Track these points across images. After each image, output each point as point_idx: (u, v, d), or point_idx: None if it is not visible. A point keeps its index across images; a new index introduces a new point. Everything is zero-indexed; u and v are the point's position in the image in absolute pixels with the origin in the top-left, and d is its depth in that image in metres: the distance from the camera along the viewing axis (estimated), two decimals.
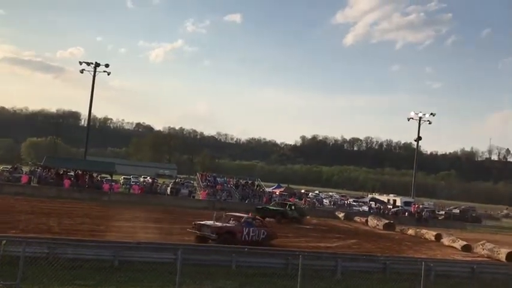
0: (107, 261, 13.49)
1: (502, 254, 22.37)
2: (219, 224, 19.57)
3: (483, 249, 23.85)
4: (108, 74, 48.46)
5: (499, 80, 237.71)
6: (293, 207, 33.53)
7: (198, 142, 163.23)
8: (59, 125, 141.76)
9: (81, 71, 48.29)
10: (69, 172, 42.25)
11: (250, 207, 32.78)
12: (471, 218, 50.29)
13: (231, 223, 20.05)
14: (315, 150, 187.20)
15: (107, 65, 48.21)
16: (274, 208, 32.89)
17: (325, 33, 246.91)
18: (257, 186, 49.84)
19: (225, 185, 47.25)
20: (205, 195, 42.64)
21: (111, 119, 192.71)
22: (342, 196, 69.84)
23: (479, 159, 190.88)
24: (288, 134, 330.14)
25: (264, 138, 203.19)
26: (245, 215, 21.22)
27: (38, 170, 43.01)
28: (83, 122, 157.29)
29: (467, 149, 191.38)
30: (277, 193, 51.44)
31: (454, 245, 26.14)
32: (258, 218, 22.73)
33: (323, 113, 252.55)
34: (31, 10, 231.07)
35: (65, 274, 11.05)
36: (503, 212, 73.29)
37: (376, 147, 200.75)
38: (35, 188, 37.05)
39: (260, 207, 33.29)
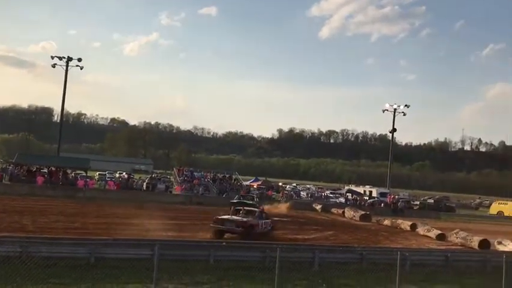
0: (82, 259, 13.29)
1: (474, 242, 22.88)
2: (239, 218, 20.70)
3: (457, 237, 24.35)
4: (81, 69, 47.89)
5: (471, 72, 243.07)
6: (256, 199, 33.83)
7: (174, 137, 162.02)
8: (31, 121, 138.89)
9: (53, 66, 47.48)
10: (42, 169, 41.43)
11: (227, 201, 32.69)
12: (445, 208, 51.35)
13: (249, 217, 20.95)
14: (292, 143, 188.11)
15: (79, 59, 47.50)
16: (249, 202, 32.40)
17: (301, 26, 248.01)
18: (234, 180, 49.80)
19: (202, 179, 47.07)
20: (179, 190, 42.44)
21: (85, 114, 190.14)
22: (319, 188, 70.35)
23: (452, 149, 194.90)
24: (264, 127, 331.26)
25: (241, 132, 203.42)
26: (257, 209, 22.34)
27: (10, 167, 42.05)
28: (56, 117, 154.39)
29: (441, 139, 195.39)
30: (254, 186, 51.51)
31: (429, 234, 26.62)
32: (264, 211, 23.60)
33: (299, 106, 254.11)
34: (0, 3, 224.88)
35: (39, 273, 10.83)
36: (476, 201, 74.98)
37: (352, 139, 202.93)
38: (7, 186, 36.21)
39: (235, 201, 33.02)
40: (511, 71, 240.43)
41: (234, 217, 20.60)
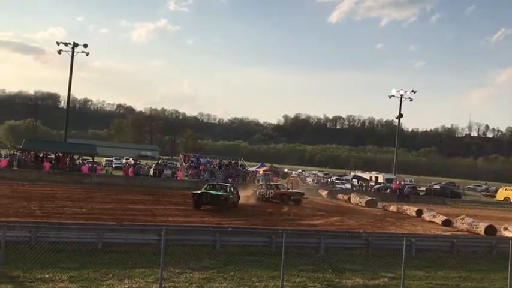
0: (90, 244, 13.43)
1: (480, 228, 22.84)
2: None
3: (463, 223, 24.31)
4: (87, 55, 47.76)
5: (481, 57, 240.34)
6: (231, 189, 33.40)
7: (180, 123, 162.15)
8: (37, 107, 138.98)
9: (59, 52, 47.44)
10: (49, 155, 41.63)
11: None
12: (451, 194, 51.17)
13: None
14: (298, 129, 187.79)
15: (85, 45, 47.42)
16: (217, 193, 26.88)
17: (311, 11, 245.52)
18: (240, 166, 49.87)
19: (208, 165, 47.15)
20: (181, 176, 42.63)
21: (91, 100, 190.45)
22: (325, 174, 70.42)
23: (459, 135, 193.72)
24: (270, 113, 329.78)
25: (247, 118, 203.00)
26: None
27: (18, 153, 42.30)
28: (62, 103, 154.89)
29: (448, 125, 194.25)
30: (260, 172, 51.56)
31: (435, 220, 26.58)
32: None
33: (306, 92, 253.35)
34: None
35: (47, 257, 10.98)
36: (482, 187, 74.71)
37: (359, 125, 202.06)
38: (15, 172, 36.45)
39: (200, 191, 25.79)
40: None
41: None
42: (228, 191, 25.71)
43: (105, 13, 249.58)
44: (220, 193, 24.79)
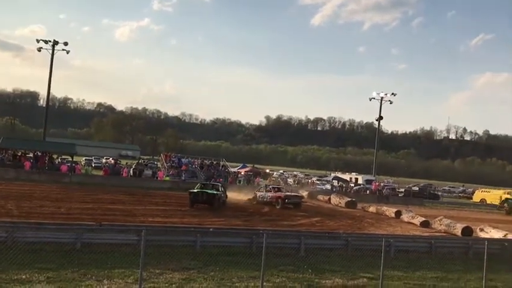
0: (68, 244, 13.26)
1: (457, 229, 23.24)
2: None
3: (440, 224, 24.69)
4: (67, 53, 47.09)
5: (459, 62, 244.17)
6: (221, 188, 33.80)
7: (162, 122, 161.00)
8: (16, 105, 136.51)
9: (39, 49, 46.73)
10: (27, 154, 40.95)
11: None
12: (429, 195, 51.89)
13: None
14: (280, 130, 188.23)
15: (65, 43, 46.78)
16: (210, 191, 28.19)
17: (293, 14, 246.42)
18: (222, 166, 49.81)
19: (190, 165, 46.97)
20: (162, 176, 42.36)
21: (71, 98, 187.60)
22: (306, 175, 70.78)
23: (437, 138, 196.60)
24: (252, 114, 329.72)
25: (229, 119, 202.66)
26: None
27: None
28: (42, 102, 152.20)
29: (427, 128, 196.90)
30: (242, 173, 51.60)
31: (413, 221, 26.94)
32: None
33: (288, 93, 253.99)
34: None
35: (25, 258, 10.81)
36: (459, 189, 75.90)
37: (339, 126, 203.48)
38: None
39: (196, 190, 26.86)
40: (499, 60, 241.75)
41: (292, 193, 32.62)
42: (219, 190, 27.36)
43: (88, 11, 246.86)
44: (215, 192, 26.34)
